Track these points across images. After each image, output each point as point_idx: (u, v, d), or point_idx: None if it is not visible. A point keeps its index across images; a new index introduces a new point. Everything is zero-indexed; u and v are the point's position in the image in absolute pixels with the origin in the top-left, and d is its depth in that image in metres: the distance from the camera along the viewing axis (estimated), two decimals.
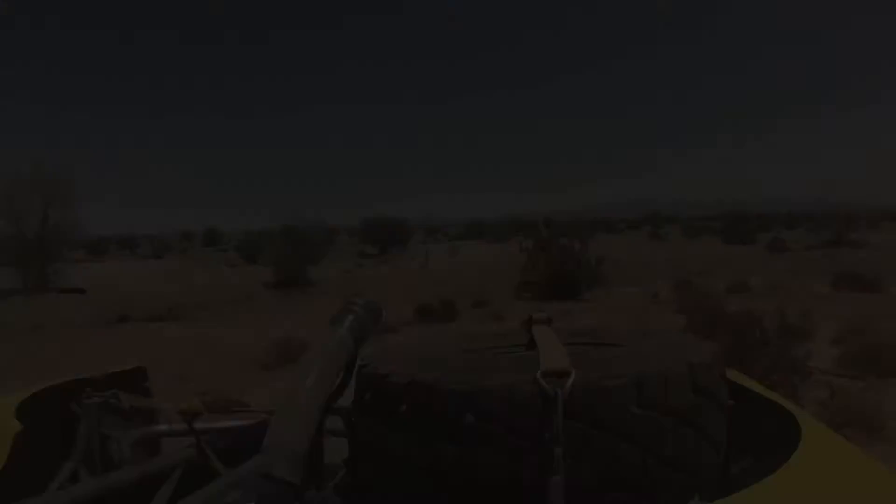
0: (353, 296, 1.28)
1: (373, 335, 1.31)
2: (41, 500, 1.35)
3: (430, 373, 1.08)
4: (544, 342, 1.19)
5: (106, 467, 1.68)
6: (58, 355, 12.44)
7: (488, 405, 0.99)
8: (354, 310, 1.23)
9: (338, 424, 1.67)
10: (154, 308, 18.57)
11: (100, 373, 2.05)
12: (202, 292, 21.62)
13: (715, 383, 1.13)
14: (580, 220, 74.80)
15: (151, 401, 2.07)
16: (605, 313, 13.61)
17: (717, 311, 8.67)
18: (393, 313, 13.75)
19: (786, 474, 0.99)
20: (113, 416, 1.83)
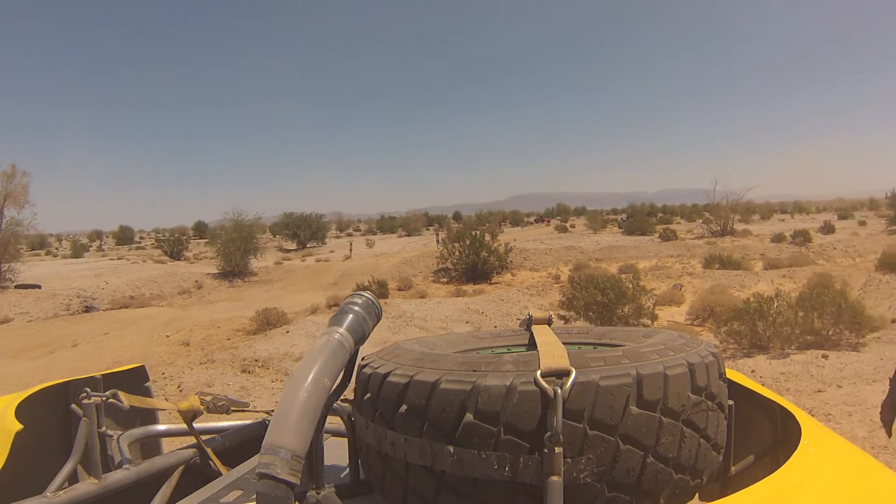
0: (352, 295, 1.27)
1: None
2: (41, 500, 1.36)
3: (429, 372, 1.08)
4: (544, 342, 1.18)
5: (106, 467, 1.64)
6: (53, 338, 13.94)
7: (488, 405, 0.98)
8: (354, 309, 1.22)
9: (338, 424, 1.72)
10: (114, 298, 20.09)
11: (99, 372, 2.05)
12: (152, 284, 23.99)
13: (715, 383, 1.12)
14: (489, 214, 78.25)
15: (151, 401, 2.04)
16: (508, 289, 16.45)
17: (597, 280, 11.56)
18: (333, 295, 17.12)
19: (786, 474, 0.99)
20: (113, 416, 1.83)
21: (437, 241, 24.71)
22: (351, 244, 43.31)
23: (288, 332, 12.15)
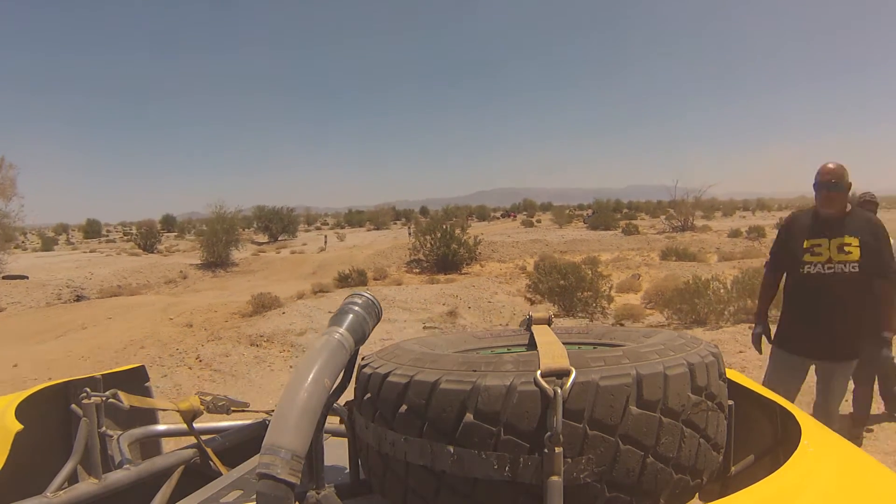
0: (352, 295, 1.27)
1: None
2: (41, 500, 1.36)
3: (429, 372, 1.08)
4: (544, 342, 1.18)
5: (106, 467, 1.63)
6: (58, 323, 14.52)
7: (488, 405, 0.98)
8: (354, 309, 1.22)
9: (338, 424, 1.74)
10: (102, 288, 20.54)
11: (99, 373, 2.05)
12: (137, 274, 24.50)
13: (715, 383, 1.12)
14: (456, 209, 79.47)
15: (151, 401, 2.03)
16: (478, 278, 17.86)
17: (560, 267, 13.02)
18: (318, 282, 18.10)
19: (786, 474, 0.99)
20: (113, 416, 1.83)
21: (409, 234, 25.96)
22: (325, 237, 44.52)
23: (284, 313, 12.94)
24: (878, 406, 5.73)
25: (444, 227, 23.05)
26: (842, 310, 3.73)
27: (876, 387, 5.51)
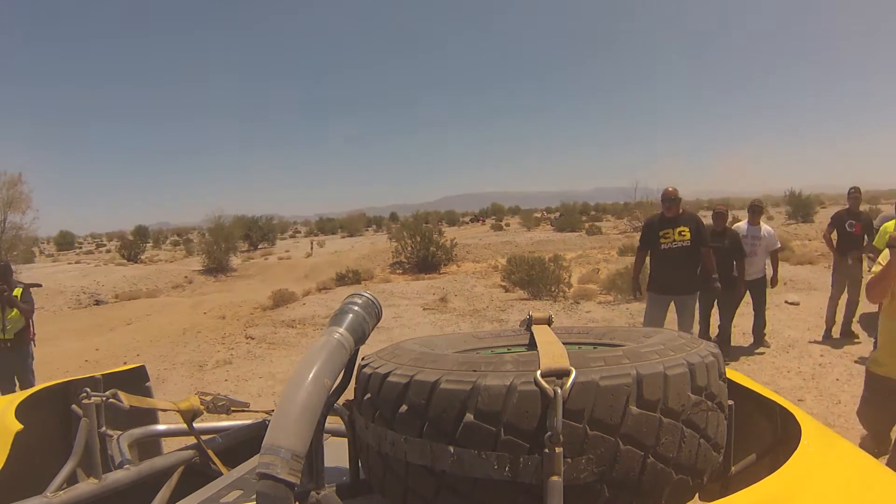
0: (352, 295, 1.26)
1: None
2: (41, 500, 1.36)
3: (429, 372, 1.07)
4: (544, 342, 1.19)
5: (106, 467, 1.63)
6: (102, 320, 16.12)
7: (488, 405, 0.98)
8: (354, 309, 1.22)
9: (338, 424, 1.72)
10: (117, 293, 23.03)
11: (100, 372, 2.06)
12: (145, 280, 26.37)
13: (715, 383, 1.12)
14: (426, 214, 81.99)
15: (151, 401, 2.03)
16: (456, 276, 20.66)
17: (528, 261, 15.89)
18: (321, 281, 20.27)
19: (786, 474, 0.99)
20: (113, 416, 1.80)
21: (390, 239, 28.64)
22: (312, 243, 47.24)
23: (304, 304, 15.08)
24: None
25: (423, 231, 24.98)
26: (684, 266, 6.88)
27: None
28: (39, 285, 23.17)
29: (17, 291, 6.61)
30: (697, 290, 7.10)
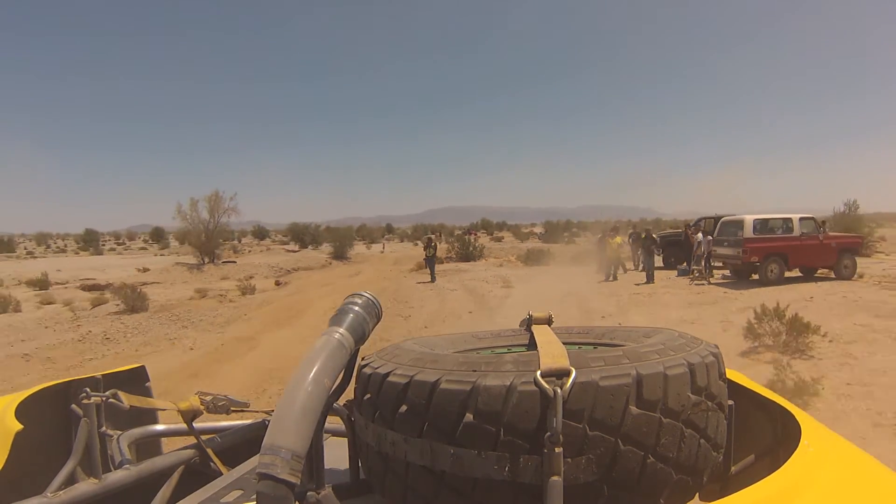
0: (353, 295, 1.29)
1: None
2: (41, 500, 1.38)
3: (429, 372, 1.10)
4: (544, 342, 1.22)
5: (106, 467, 1.66)
6: (325, 281, 28.35)
7: (488, 405, 1.00)
8: (354, 309, 1.24)
9: (338, 424, 1.76)
10: (289, 271, 33.80)
11: (100, 372, 2.10)
12: (297, 263, 37.87)
13: (715, 383, 1.14)
14: (424, 226, 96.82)
15: (151, 401, 2.06)
16: (486, 262, 33.86)
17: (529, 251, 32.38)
18: (418, 263, 29.72)
19: (786, 474, 1.01)
20: (113, 416, 1.84)
21: (442, 241, 37.46)
22: (384, 243, 64.78)
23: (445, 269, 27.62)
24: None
25: (464, 239, 41.46)
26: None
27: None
28: (234, 262, 41.20)
29: None
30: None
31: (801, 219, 19.39)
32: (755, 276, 19.43)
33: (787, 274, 19.35)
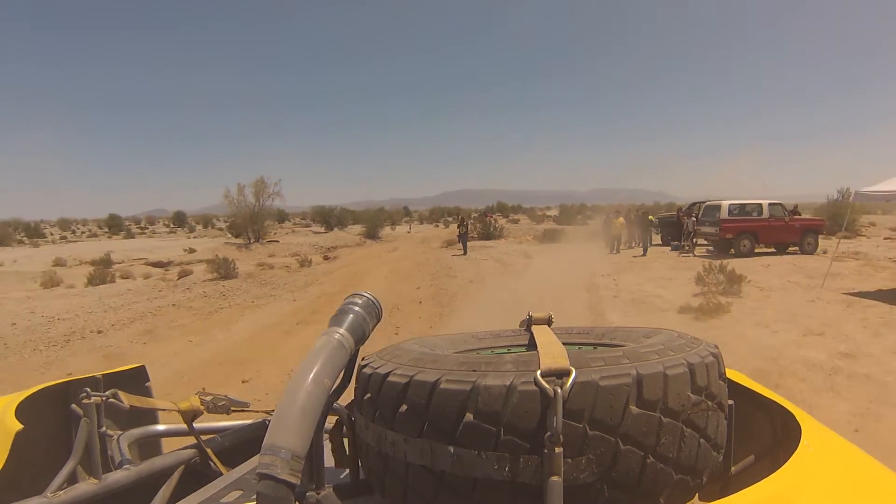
0: (353, 295, 1.29)
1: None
2: (41, 500, 1.38)
3: (429, 372, 1.09)
4: (544, 342, 1.22)
5: (106, 467, 1.66)
6: (375, 254, 34.16)
7: (488, 405, 1.00)
8: (354, 309, 1.24)
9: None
10: (330, 248, 37.24)
11: (100, 372, 2.11)
12: (334, 241, 41.23)
13: (715, 383, 1.14)
14: (440, 209, 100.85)
15: (151, 401, 2.06)
16: (506, 241, 37.22)
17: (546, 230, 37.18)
18: (448, 242, 35.05)
19: (786, 474, 1.01)
20: (113, 416, 1.85)
21: (460, 225, 39.40)
22: (410, 225, 69.12)
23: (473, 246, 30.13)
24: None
25: (485, 218, 45.55)
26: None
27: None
28: (277, 241, 45.87)
29: None
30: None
31: (769, 204, 23.66)
32: (733, 251, 23.42)
33: (759, 249, 23.62)
